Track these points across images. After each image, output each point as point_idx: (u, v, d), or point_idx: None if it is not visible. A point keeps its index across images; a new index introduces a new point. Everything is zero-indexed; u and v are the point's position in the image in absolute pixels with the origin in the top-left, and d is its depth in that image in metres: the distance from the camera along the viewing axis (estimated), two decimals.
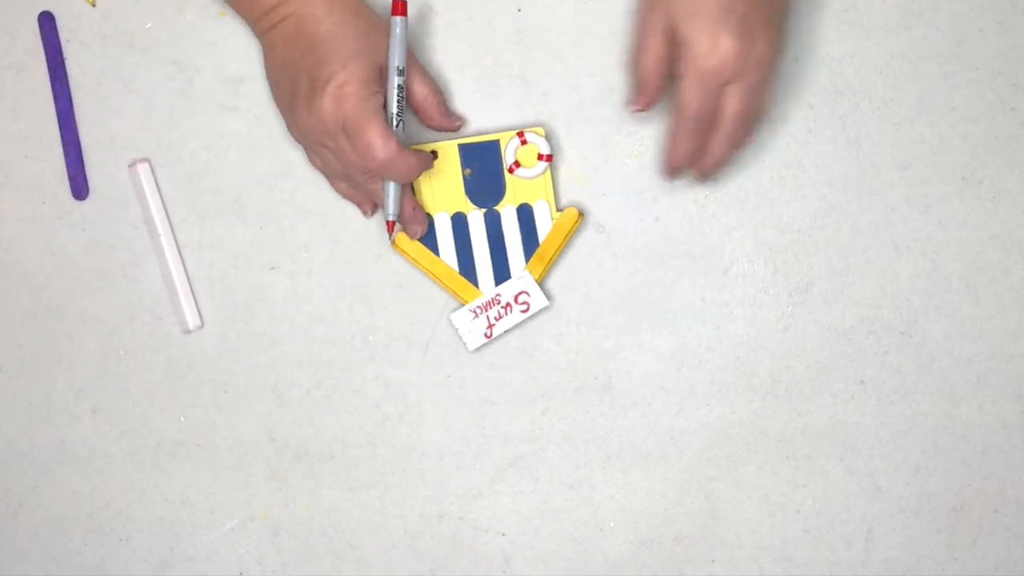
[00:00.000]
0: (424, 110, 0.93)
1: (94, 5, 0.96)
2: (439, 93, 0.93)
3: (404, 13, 0.89)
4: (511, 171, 0.94)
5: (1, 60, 0.97)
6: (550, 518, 0.97)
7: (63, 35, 0.97)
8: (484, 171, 0.95)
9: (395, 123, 0.89)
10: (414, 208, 0.93)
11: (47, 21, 0.96)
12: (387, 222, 0.92)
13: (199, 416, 0.97)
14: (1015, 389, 0.96)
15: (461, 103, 0.96)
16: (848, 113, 0.95)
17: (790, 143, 0.96)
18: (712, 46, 0.84)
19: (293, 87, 0.88)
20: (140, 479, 0.98)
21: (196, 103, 0.96)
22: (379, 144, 0.86)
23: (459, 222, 0.95)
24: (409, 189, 0.93)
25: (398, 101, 0.89)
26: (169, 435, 0.97)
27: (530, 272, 0.95)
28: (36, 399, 0.98)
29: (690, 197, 0.96)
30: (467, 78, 0.96)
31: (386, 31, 0.89)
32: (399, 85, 0.89)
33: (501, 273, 0.95)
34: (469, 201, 0.95)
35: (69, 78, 0.97)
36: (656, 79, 0.88)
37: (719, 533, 0.97)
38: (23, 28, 0.97)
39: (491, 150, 0.94)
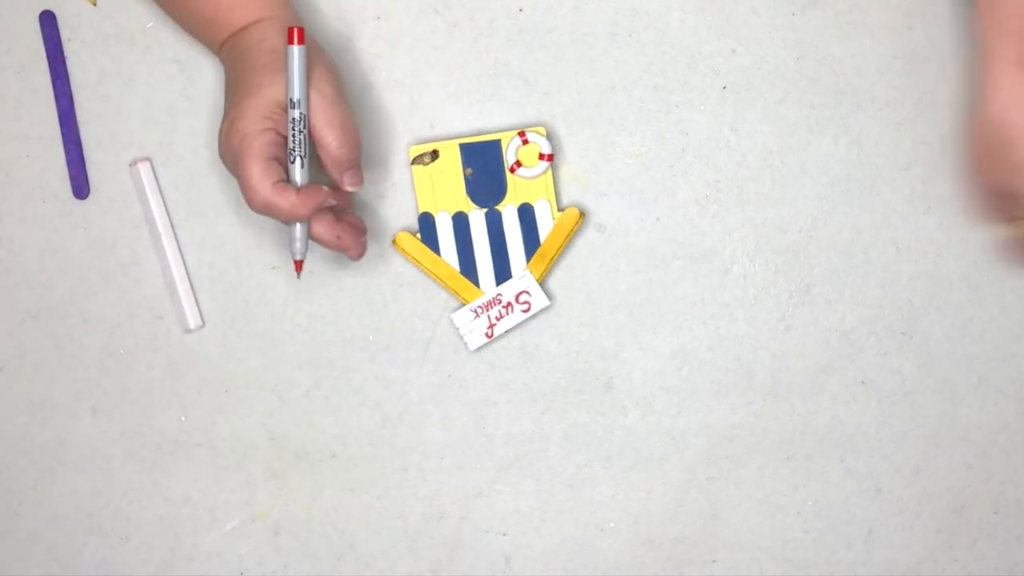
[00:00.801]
0: (320, 156, 0.88)
1: (95, 4, 0.96)
2: (345, 146, 0.87)
3: (301, 42, 0.85)
4: (512, 171, 0.94)
5: (2, 59, 0.97)
6: (551, 518, 0.97)
7: (64, 34, 0.96)
8: (485, 171, 0.95)
9: (294, 159, 0.86)
10: (338, 237, 0.89)
11: (48, 20, 0.96)
12: (295, 262, 0.90)
13: (199, 416, 0.97)
14: (1016, 390, 0.96)
15: (462, 103, 0.96)
16: (850, 113, 0.95)
17: (792, 143, 0.96)
18: None
19: (226, 109, 0.88)
20: (140, 479, 0.98)
21: (197, 102, 0.96)
22: (254, 184, 0.84)
23: (460, 222, 0.95)
24: (347, 211, 0.91)
25: (293, 137, 0.85)
26: (169, 435, 0.97)
27: (531, 272, 0.95)
28: (37, 398, 0.98)
29: (691, 197, 0.96)
30: (468, 78, 0.96)
31: (322, 58, 0.87)
32: (292, 119, 0.85)
33: (502, 273, 0.95)
34: (470, 201, 0.95)
35: (70, 77, 0.96)
36: None
37: (719, 533, 0.97)
38: (24, 27, 0.97)
39: (492, 150, 0.94)
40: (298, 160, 0.86)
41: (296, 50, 0.85)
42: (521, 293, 0.95)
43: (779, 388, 0.96)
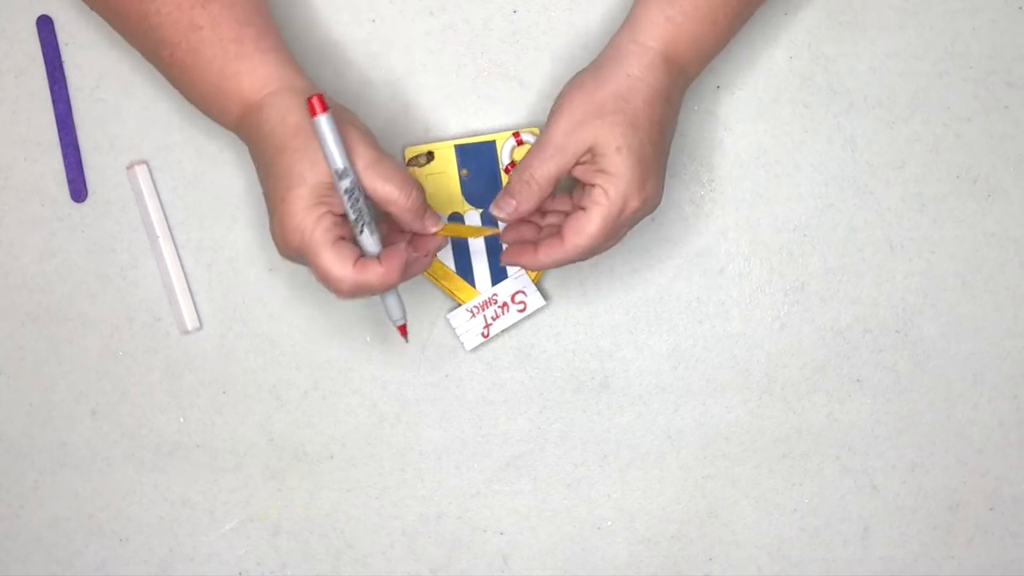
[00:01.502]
0: (394, 214, 0.84)
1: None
2: (412, 193, 0.83)
3: (324, 110, 0.79)
4: (507, 171, 0.94)
5: (0, 63, 0.97)
6: (548, 517, 0.97)
7: (61, 38, 0.97)
8: (480, 171, 0.95)
9: (360, 231, 0.82)
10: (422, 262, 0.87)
11: (46, 24, 0.97)
12: (398, 328, 0.89)
13: (198, 417, 0.97)
14: (1011, 387, 0.96)
15: (457, 104, 0.96)
16: (843, 112, 0.96)
17: (786, 143, 0.96)
18: (642, 183, 0.82)
19: (268, 203, 0.84)
20: (140, 480, 0.98)
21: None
22: (335, 273, 0.80)
23: (456, 222, 0.95)
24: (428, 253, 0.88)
25: (352, 207, 0.81)
26: (168, 436, 0.98)
27: (527, 272, 0.95)
28: (36, 401, 0.98)
29: (686, 197, 0.96)
30: (463, 79, 0.96)
31: (346, 116, 0.83)
32: (346, 189, 0.80)
33: (498, 273, 0.95)
34: (466, 201, 0.95)
35: (68, 81, 0.97)
36: (541, 197, 0.85)
37: (716, 532, 0.97)
38: (22, 31, 0.97)
39: (487, 151, 0.95)
40: (365, 229, 0.82)
41: (323, 119, 0.79)
42: (517, 293, 0.95)
43: (775, 386, 0.96)
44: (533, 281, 0.95)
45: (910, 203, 0.96)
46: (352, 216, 0.81)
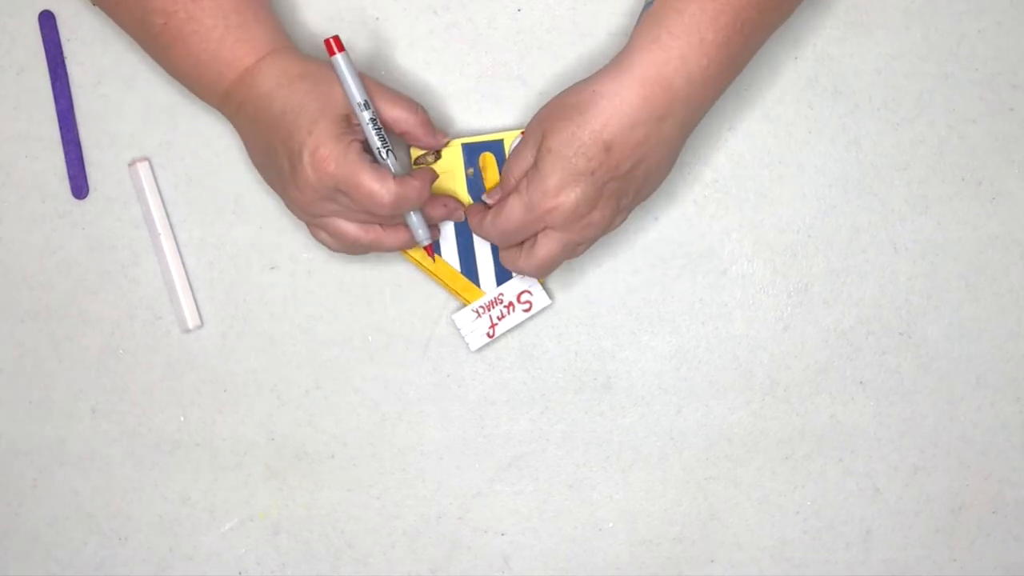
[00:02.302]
0: (407, 133, 0.90)
1: (95, 4, 0.96)
2: (419, 111, 0.90)
3: (341, 49, 0.86)
4: None
5: (2, 59, 0.97)
6: (549, 518, 0.97)
7: (63, 34, 0.97)
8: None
9: (385, 156, 0.87)
10: (444, 204, 0.92)
11: (47, 20, 0.97)
12: (425, 248, 0.92)
13: (199, 416, 0.97)
14: (1014, 390, 0.96)
15: (460, 103, 0.96)
16: (848, 113, 0.95)
17: (789, 143, 0.96)
18: (557, 190, 0.84)
19: (277, 168, 0.87)
20: (140, 479, 0.98)
21: (196, 102, 0.96)
22: (378, 189, 0.84)
23: (461, 222, 0.95)
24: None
25: (377, 134, 0.87)
26: (169, 435, 0.97)
27: None
28: (36, 398, 0.98)
29: (689, 197, 0.96)
30: (467, 78, 0.96)
31: (336, 78, 0.87)
32: (370, 119, 0.86)
33: (503, 272, 0.95)
34: (472, 200, 0.95)
35: (69, 77, 0.97)
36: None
37: (718, 533, 0.97)
38: (24, 27, 0.97)
39: (495, 149, 0.94)
40: (390, 155, 0.87)
41: (341, 58, 0.85)
42: (522, 292, 0.95)
43: (777, 388, 0.96)
44: (539, 280, 0.95)
45: (914, 205, 0.96)
46: (378, 143, 0.87)
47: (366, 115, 0.86)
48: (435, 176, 0.90)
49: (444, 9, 0.96)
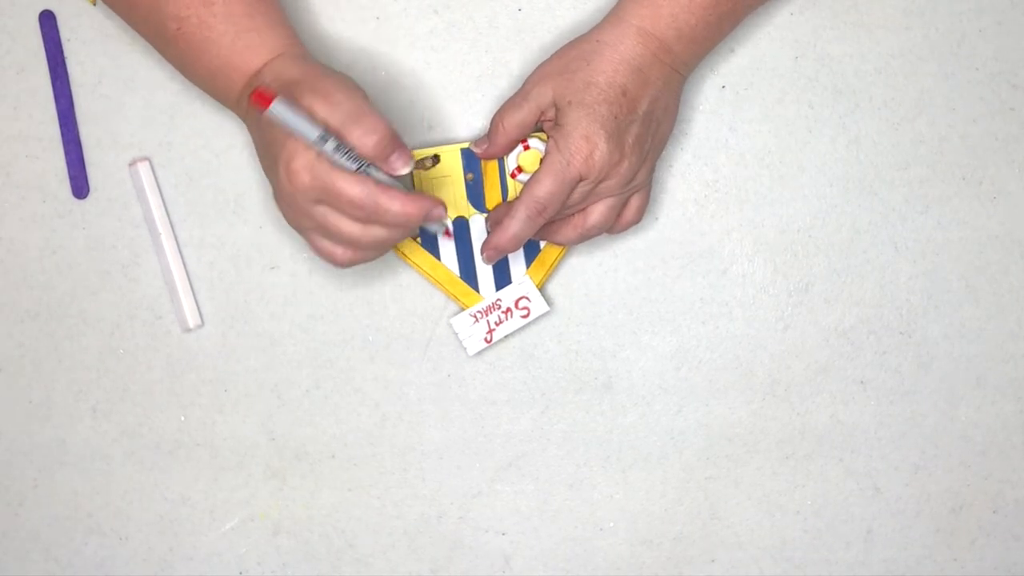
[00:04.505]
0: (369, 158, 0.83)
1: (95, 4, 0.96)
2: (376, 132, 0.81)
3: (269, 101, 0.78)
4: (513, 176, 0.94)
5: (2, 59, 0.97)
6: (550, 518, 0.97)
7: (64, 34, 0.97)
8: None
9: (364, 171, 0.82)
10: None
11: (48, 20, 0.96)
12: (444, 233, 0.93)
13: (199, 416, 0.97)
14: (1014, 389, 0.96)
15: (460, 103, 0.96)
16: (848, 113, 0.96)
17: (790, 143, 0.96)
18: (587, 140, 0.85)
19: (274, 176, 0.85)
20: (140, 479, 0.98)
21: (197, 102, 0.96)
22: (357, 190, 0.80)
23: (460, 227, 0.95)
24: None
25: (348, 158, 0.81)
26: (169, 435, 0.97)
27: (531, 277, 0.95)
28: (36, 398, 0.98)
29: (690, 197, 0.96)
30: (468, 77, 0.96)
31: (325, 81, 0.83)
32: (334, 148, 0.80)
33: (502, 278, 0.95)
34: (471, 206, 0.95)
35: (70, 77, 0.97)
36: (508, 142, 0.90)
37: (718, 533, 0.97)
38: (24, 27, 0.97)
39: None
40: (370, 169, 0.82)
41: (275, 108, 0.79)
42: (521, 299, 0.95)
43: (778, 387, 0.96)
44: (537, 286, 0.95)
45: (914, 204, 0.96)
46: (353, 166, 0.81)
47: (329, 146, 0.80)
48: (431, 202, 0.83)
49: (444, 9, 0.96)
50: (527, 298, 0.95)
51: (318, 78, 0.83)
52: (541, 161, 0.88)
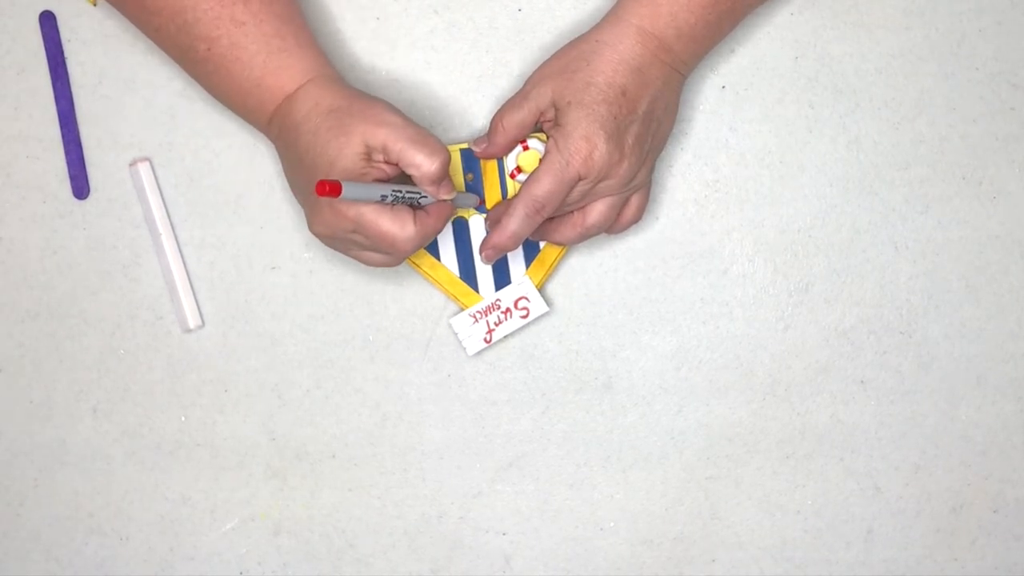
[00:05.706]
0: (416, 175, 0.84)
1: (95, 4, 0.96)
2: (438, 157, 0.83)
3: (337, 191, 0.76)
4: (512, 176, 0.94)
5: (2, 59, 0.97)
6: (550, 518, 0.97)
7: (64, 34, 0.97)
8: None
9: (409, 204, 0.84)
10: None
11: (48, 20, 0.97)
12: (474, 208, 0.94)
13: (199, 416, 0.97)
14: (1015, 389, 0.96)
15: (460, 103, 0.96)
16: (848, 113, 0.96)
17: (790, 143, 0.96)
18: (586, 140, 0.85)
19: (305, 197, 0.86)
20: (140, 479, 0.98)
21: (197, 103, 0.96)
22: (397, 232, 0.83)
23: (460, 227, 0.95)
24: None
25: (395, 197, 0.83)
26: (169, 435, 0.97)
27: (531, 278, 0.95)
28: (37, 399, 0.98)
29: (690, 197, 0.96)
30: (468, 77, 0.96)
31: (374, 107, 0.84)
32: (380, 196, 0.82)
33: (501, 278, 0.95)
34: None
35: (70, 77, 0.97)
36: (507, 142, 0.90)
37: (719, 533, 0.97)
38: (24, 27, 0.97)
39: None
40: (396, 198, 0.83)
41: (347, 195, 0.77)
42: (520, 299, 0.95)
43: (778, 387, 0.96)
44: (537, 287, 0.95)
45: (915, 204, 0.96)
46: (390, 199, 0.83)
47: (380, 195, 0.82)
48: (452, 212, 0.88)
49: (444, 9, 0.96)
50: (526, 298, 0.95)
51: (364, 104, 0.85)
52: (541, 161, 0.88)
